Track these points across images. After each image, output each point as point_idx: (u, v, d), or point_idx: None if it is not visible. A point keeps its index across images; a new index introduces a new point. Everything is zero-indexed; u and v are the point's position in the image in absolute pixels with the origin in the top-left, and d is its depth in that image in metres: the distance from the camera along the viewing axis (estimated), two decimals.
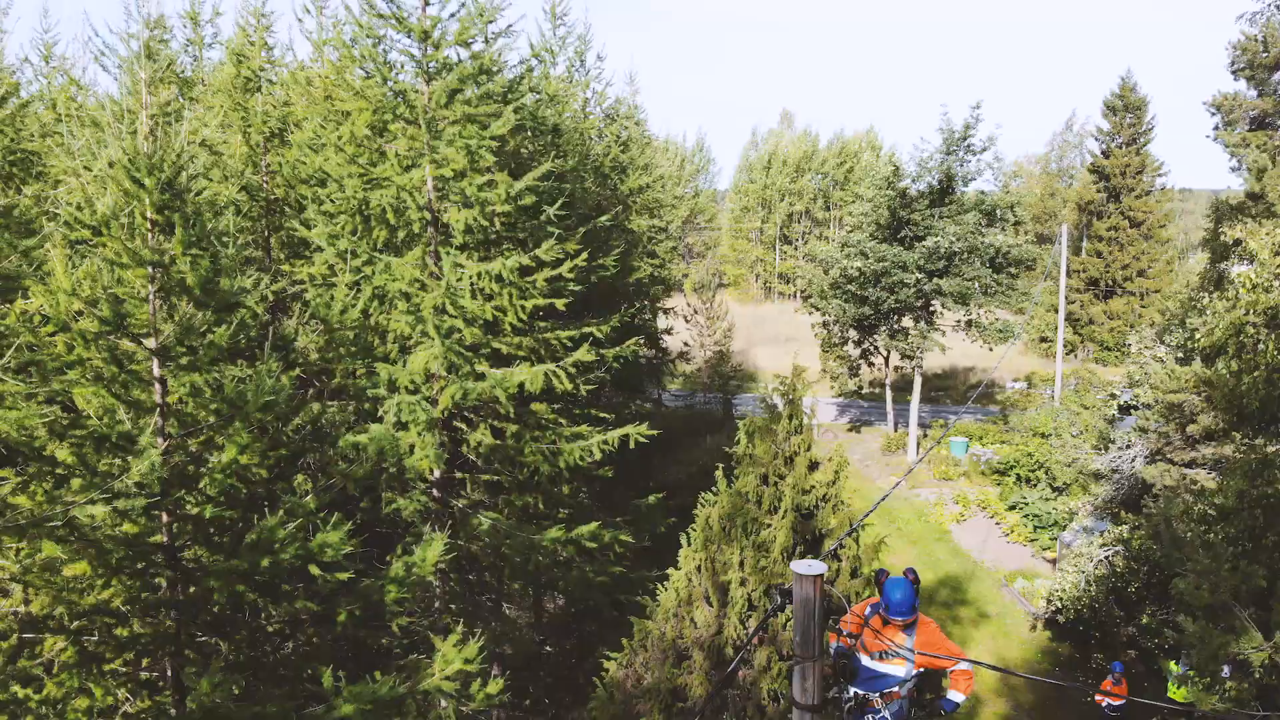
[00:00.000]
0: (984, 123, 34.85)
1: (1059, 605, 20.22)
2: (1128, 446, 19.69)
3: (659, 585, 10.00)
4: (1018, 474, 30.13)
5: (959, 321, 33.23)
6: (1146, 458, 17.41)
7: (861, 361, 36.92)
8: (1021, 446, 30.89)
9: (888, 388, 38.20)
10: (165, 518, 8.27)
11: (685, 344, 36.71)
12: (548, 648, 17.68)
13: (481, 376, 13.41)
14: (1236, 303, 8.94)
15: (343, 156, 12.40)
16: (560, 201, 14.87)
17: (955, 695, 6.12)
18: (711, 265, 67.49)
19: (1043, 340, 52.88)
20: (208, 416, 8.26)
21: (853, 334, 35.94)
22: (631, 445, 18.12)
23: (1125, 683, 16.83)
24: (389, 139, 13.25)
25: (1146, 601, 19.49)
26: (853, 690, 6.11)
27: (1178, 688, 16.25)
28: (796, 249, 69.86)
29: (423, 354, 12.97)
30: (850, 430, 39.75)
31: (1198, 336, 11.35)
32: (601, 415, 16.89)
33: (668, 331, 29.69)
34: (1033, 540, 26.91)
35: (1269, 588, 7.71)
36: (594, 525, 13.25)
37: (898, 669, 6.01)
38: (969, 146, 31.83)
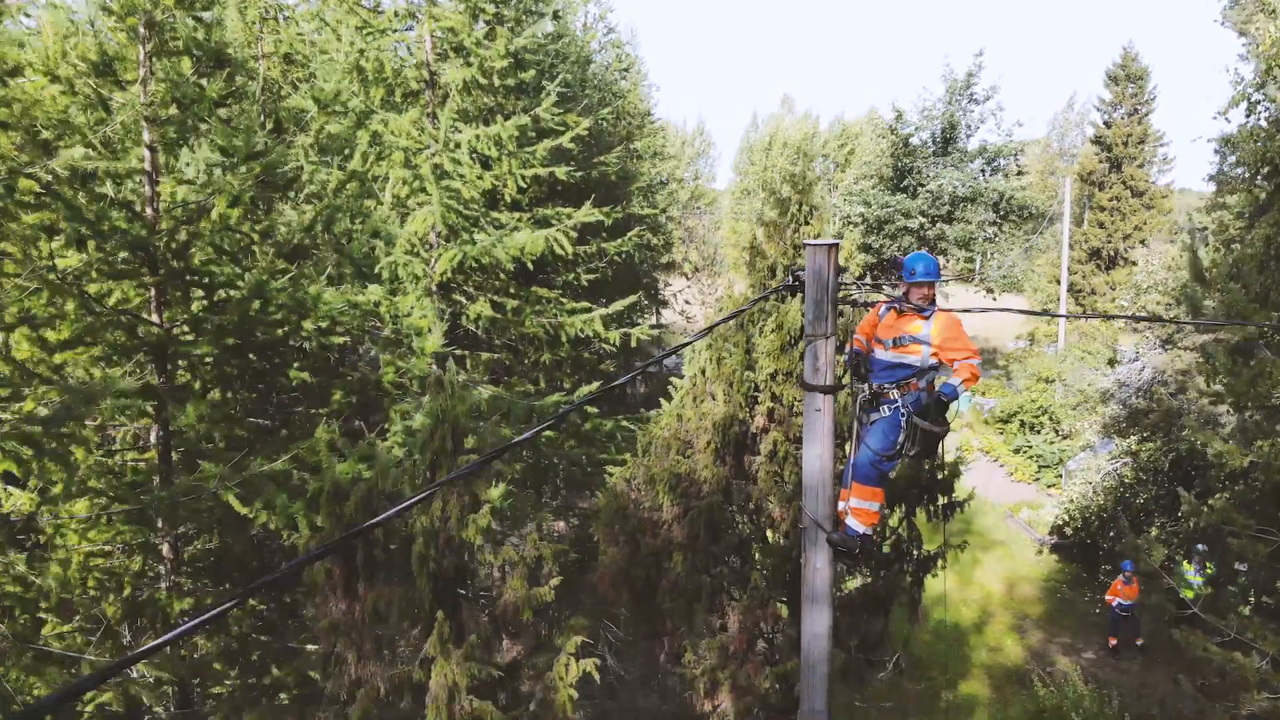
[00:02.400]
0: (986, 71, 34.77)
1: (1065, 519, 19.94)
2: (1134, 359, 19.41)
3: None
4: (1021, 420, 29.90)
5: (962, 270, 33.09)
6: (1158, 347, 17.13)
7: None
8: (1026, 392, 30.72)
9: None
10: (153, 290, 8.04)
11: (686, 301, 36.51)
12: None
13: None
14: (1264, 61, 8.73)
15: (342, 8, 12.23)
16: (560, 78, 14.68)
17: (953, 380, 5.59)
18: (710, 247, 67.26)
19: (1045, 312, 52.66)
20: (193, 195, 8.04)
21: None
22: (634, 344, 17.86)
23: (1136, 582, 16.49)
24: None
25: (1155, 515, 19.21)
26: (867, 385, 5.86)
27: (1191, 590, 15.95)
28: None
29: (421, 214, 12.74)
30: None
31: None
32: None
33: (670, 261, 29.06)
34: (1037, 479, 26.71)
35: None
36: (595, 385, 12.98)
37: (913, 357, 5.72)
38: (971, 95, 31.71)
